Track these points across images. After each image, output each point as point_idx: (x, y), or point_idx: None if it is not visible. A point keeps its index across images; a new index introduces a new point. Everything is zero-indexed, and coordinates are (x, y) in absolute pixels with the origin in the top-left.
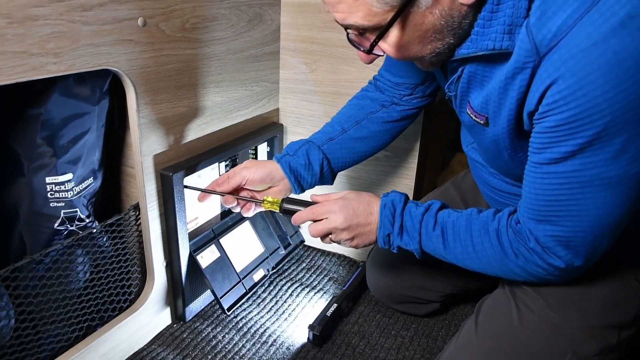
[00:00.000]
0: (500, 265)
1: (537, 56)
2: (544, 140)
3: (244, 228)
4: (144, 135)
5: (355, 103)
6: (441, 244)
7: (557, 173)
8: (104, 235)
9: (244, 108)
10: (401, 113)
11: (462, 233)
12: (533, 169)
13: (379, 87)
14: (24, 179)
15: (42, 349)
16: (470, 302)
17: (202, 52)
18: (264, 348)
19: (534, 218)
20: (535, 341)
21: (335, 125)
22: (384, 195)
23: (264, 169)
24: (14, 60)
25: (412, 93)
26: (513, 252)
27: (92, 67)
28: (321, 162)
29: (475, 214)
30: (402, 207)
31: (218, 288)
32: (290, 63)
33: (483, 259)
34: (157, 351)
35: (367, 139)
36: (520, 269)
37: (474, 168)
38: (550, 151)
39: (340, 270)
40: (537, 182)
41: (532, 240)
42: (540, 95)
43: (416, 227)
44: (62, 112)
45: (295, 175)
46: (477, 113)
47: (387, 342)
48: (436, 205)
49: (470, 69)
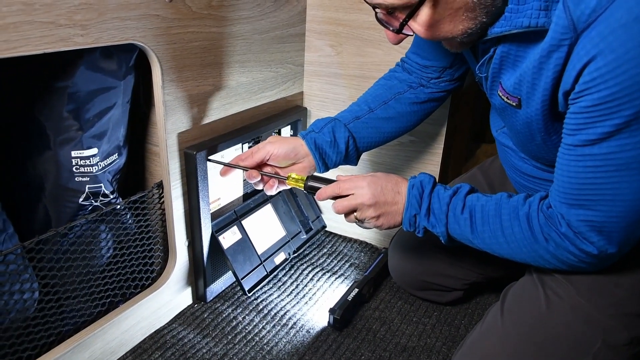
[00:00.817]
0: (530, 251)
1: (575, 33)
2: (579, 121)
3: (266, 211)
4: (169, 113)
5: (383, 83)
6: (469, 227)
7: (593, 155)
8: (128, 213)
9: (268, 90)
10: (429, 95)
11: (491, 217)
12: (567, 151)
13: (407, 69)
14: (50, 152)
15: (65, 322)
16: (494, 292)
17: (228, 31)
18: (284, 330)
19: (567, 202)
20: (563, 328)
21: (362, 105)
22: (412, 177)
23: (288, 144)
24: (41, 31)
25: (439, 76)
26: (544, 237)
27: (118, 41)
28: (347, 140)
29: (505, 198)
30: (430, 189)
31: (239, 269)
32: (315, 45)
33: (512, 244)
34: (177, 330)
35: (393, 120)
36: (550, 255)
37: (503, 153)
38: (586, 132)
39: (362, 256)
40: (570, 165)
41: (564, 225)
42: (577, 73)
43: (443, 209)
44: (88, 85)
45: (320, 153)
46: (509, 95)
47: (408, 328)
48: (465, 188)
49: (503, 49)
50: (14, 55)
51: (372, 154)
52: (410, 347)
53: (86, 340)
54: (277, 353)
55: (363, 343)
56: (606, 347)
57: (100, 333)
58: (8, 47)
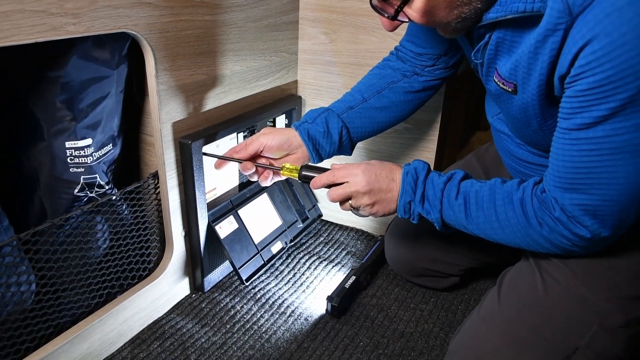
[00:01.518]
0: (524, 236)
1: (570, 17)
2: (574, 105)
3: (262, 200)
4: (163, 102)
5: (377, 72)
6: (463, 213)
7: (587, 139)
8: (123, 203)
9: (263, 78)
10: (423, 84)
11: (485, 202)
12: (562, 135)
13: (401, 57)
14: (44, 143)
15: (63, 314)
16: (491, 277)
17: (221, 19)
18: (282, 319)
19: (561, 186)
20: (560, 311)
21: (356, 94)
22: (406, 164)
23: (281, 136)
24: (32, 19)
25: (434, 64)
26: (537, 222)
27: (110, 30)
28: (340, 130)
29: (500, 184)
30: (425, 175)
31: (236, 259)
32: (309, 33)
33: (506, 229)
34: (176, 320)
35: (387, 109)
36: (544, 240)
37: (499, 140)
38: (581, 116)
39: (358, 244)
40: (565, 148)
41: (558, 209)
42: (572, 57)
43: (438, 195)
44: (81, 75)
45: (313, 143)
46: (505, 80)
47: (405, 314)
48: (459, 174)
49: (499, 34)
50: (5, 44)
51: (368, 142)
52: (408, 332)
53: (84, 332)
54: (275, 341)
55: (361, 330)
56: (602, 330)
57: (98, 324)
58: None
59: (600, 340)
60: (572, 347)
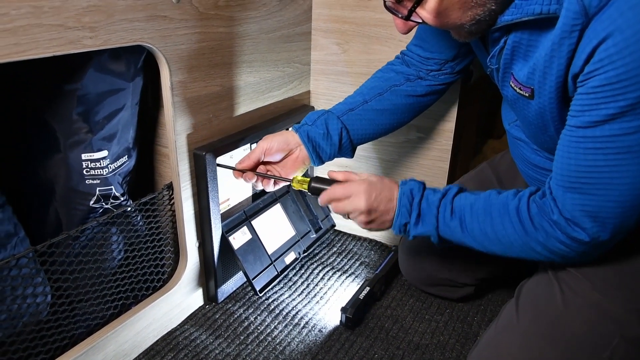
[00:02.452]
0: (521, 245)
1: (586, 18)
2: (585, 102)
3: (276, 211)
4: (178, 114)
5: (379, 76)
6: (459, 228)
7: (594, 137)
8: (138, 215)
9: (276, 89)
10: (426, 88)
11: (481, 215)
12: (569, 132)
13: (406, 61)
14: (60, 155)
15: (78, 325)
16: (506, 288)
17: (235, 31)
18: (296, 330)
19: (563, 185)
20: (580, 324)
21: (357, 97)
22: (402, 182)
23: (279, 137)
24: (50, 33)
25: (440, 69)
26: (534, 228)
27: (127, 43)
28: (340, 132)
29: (495, 195)
30: (420, 197)
31: (250, 269)
32: (321, 44)
33: (503, 239)
34: (190, 331)
35: (388, 112)
36: (541, 246)
37: (515, 147)
38: (590, 114)
39: (372, 255)
40: (571, 146)
41: (556, 212)
42: (586, 56)
43: (433, 212)
44: (97, 87)
45: (313, 145)
46: (522, 85)
47: (421, 326)
48: (453, 190)
49: (515, 38)
50: (24, 58)
51: (380, 151)
52: (424, 344)
53: (99, 343)
54: (289, 353)
55: (376, 341)
56: (625, 341)
57: (113, 335)
58: (18, 50)
59: (623, 352)
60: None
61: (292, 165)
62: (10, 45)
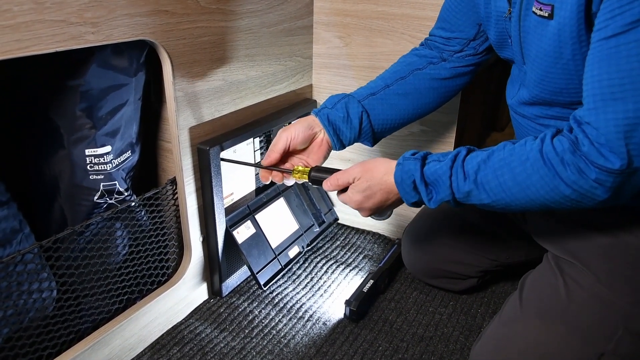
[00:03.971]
0: (548, 190)
1: None
2: (614, 6)
3: (279, 205)
4: (180, 109)
5: (402, 60)
6: (475, 189)
7: (628, 44)
8: (142, 210)
9: (278, 83)
10: (451, 71)
11: (498, 169)
12: (598, 47)
13: (429, 45)
14: (64, 151)
15: (84, 320)
16: (510, 280)
17: (237, 25)
18: (300, 323)
19: (597, 106)
20: (584, 316)
21: (379, 81)
22: (398, 162)
23: (302, 124)
24: (53, 29)
25: (462, 49)
26: (563, 165)
27: (129, 38)
28: (360, 115)
29: (510, 144)
30: (420, 174)
31: (254, 263)
32: (323, 37)
33: (526, 189)
34: (194, 325)
35: (410, 95)
36: (570, 188)
37: (519, 126)
38: (622, 16)
39: (375, 248)
40: (602, 59)
41: (587, 143)
42: None
43: (446, 184)
44: (100, 83)
45: (334, 128)
46: (542, 5)
47: (424, 318)
48: (462, 153)
49: None
50: (26, 54)
51: (383, 144)
52: (428, 337)
53: (105, 338)
54: (294, 346)
55: (380, 334)
56: (628, 334)
57: (118, 330)
58: (20, 46)
59: (627, 345)
60: (597, 352)
61: (317, 150)
62: (13, 41)
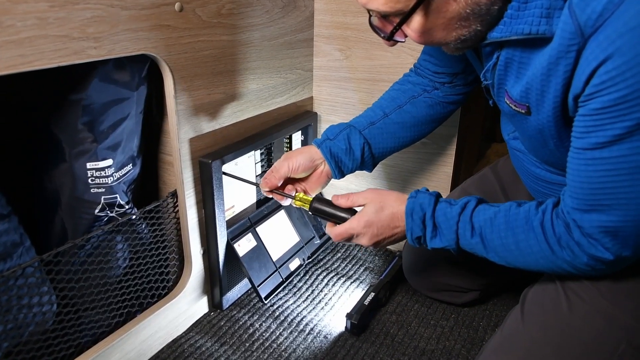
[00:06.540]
0: (547, 262)
1: (582, 38)
2: (589, 124)
3: (280, 217)
4: (182, 122)
5: (397, 88)
6: (480, 244)
7: (603, 159)
8: (143, 222)
9: (279, 96)
10: (444, 98)
11: (502, 230)
12: (577, 155)
13: (419, 73)
14: (66, 165)
15: (84, 334)
16: (512, 293)
17: (238, 39)
18: (301, 336)
19: (580, 208)
20: (587, 330)
21: (377, 110)
22: (411, 195)
23: (304, 156)
24: (55, 44)
25: (452, 81)
26: (560, 246)
27: (131, 52)
28: (362, 147)
29: (515, 208)
30: (432, 211)
31: (255, 276)
32: (324, 50)
33: (527, 256)
34: (195, 338)
35: (409, 124)
36: (567, 264)
37: (515, 158)
38: (596, 135)
39: (376, 260)
40: (581, 169)
41: (577, 232)
42: (587, 77)
43: (452, 228)
44: (102, 97)
45: (336, 161)
46: (517, 103)
47: (426, 331)
48: (472, 203)
49: (507, 54)
50: (29, 69)
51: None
52: (429, 350)
53: (105, 351)
54: (295, 359)
55: (381, 347)
56: (631, 348)
57: (118, 344)
58: (23, 61)
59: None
60: None
61: (316, 180)
62: (16, 56)
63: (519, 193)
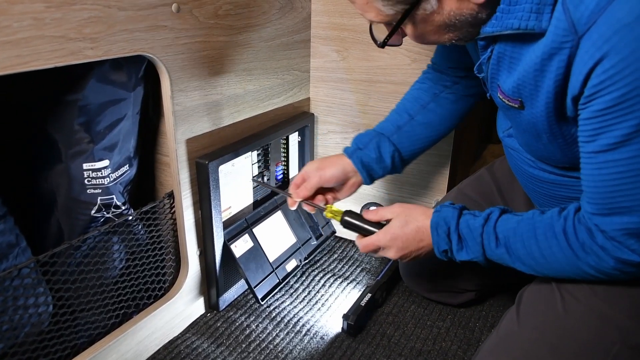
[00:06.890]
0: (572, 268)
1: (575, 35)
2: (594, 126)
3: (277, 218)
4: (178, 123)
5: (418, 87)
6: (506, 254)
7: (615, 161)
8: (139, 223)
9: (276, 97)
10: (465, 91)
11: (526, 240)
12: (588, 159)
13: (437, 69)
14: (62, 166)
15: (80, 335)
16: (508, 293)
17: (235, 40)
18: (297, 337)
19: (599, 213)
20: (582, 330)
21: (402, 112)
22: (436, 209)
23: (336, 167)
24: (52, 45)
25: (467, 75)
26: (584, 251)
27: (127, 53)
28: (392, 154)
29: (538, 216)
30: (455, 224)
31: (252, 277)
32: (321, 51)
33: (553, 263)
34: (191, 339)
35: (434, 123)
36: (593, 269)
37: (510, 157)
38: (604, 136)
39: (373, 261)
40: (594, 173)
41: (600, 237)
42: (584, 77)
43: (477, 240)
44: (98, 98)
45: (367, 170)
46: (509, 97)
47: (422, 332)
48: (495, 214)
49: (499, 48)
50: (26, 70)
51: None
52: (426, 351)
53: (101, 353)
54: None
55: (378, 348)
56: (626, 348)
57: (115, 345)
58: (20, 62)
59: (625, 359)
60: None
61: (347, 190)
62: (13, 57)
63: (515, 193)
